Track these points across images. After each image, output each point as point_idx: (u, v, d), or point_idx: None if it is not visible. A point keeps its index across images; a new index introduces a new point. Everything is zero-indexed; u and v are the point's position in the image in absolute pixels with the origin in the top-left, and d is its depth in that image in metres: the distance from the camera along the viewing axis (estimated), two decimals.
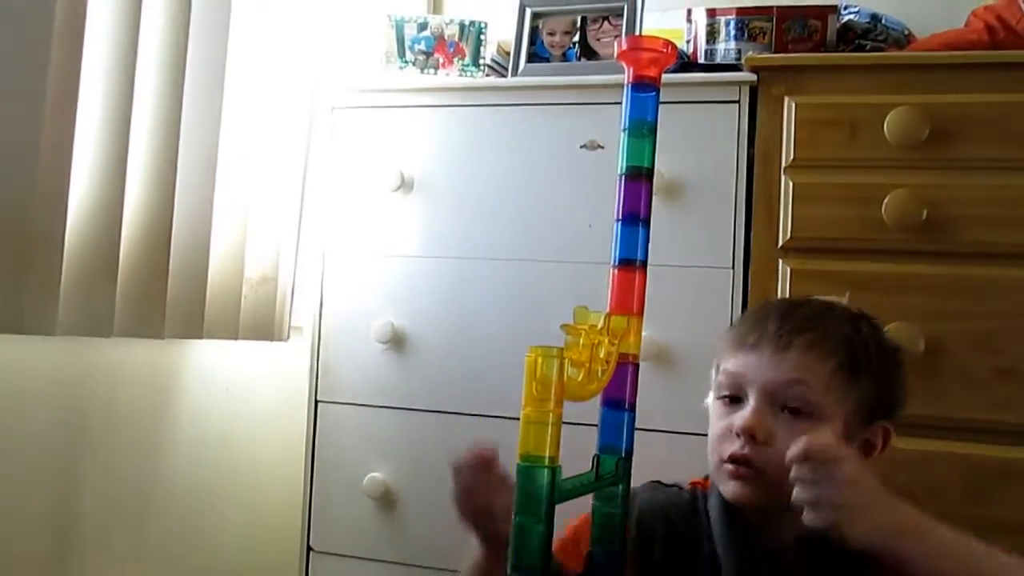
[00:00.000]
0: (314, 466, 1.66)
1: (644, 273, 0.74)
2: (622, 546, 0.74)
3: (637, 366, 0.74)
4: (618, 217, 0.74)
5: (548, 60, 1.69)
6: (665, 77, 0.75)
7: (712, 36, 1.63)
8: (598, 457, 0.74)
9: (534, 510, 0.64)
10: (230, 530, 1.71)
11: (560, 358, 0.64)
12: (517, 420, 0.64)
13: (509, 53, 1.75)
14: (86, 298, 1.20)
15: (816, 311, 0.99)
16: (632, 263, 0.73)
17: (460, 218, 1.62)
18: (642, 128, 0.73)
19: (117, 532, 1.45)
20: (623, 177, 0.74)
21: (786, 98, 1.43)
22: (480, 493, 0.87)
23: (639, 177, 0.73)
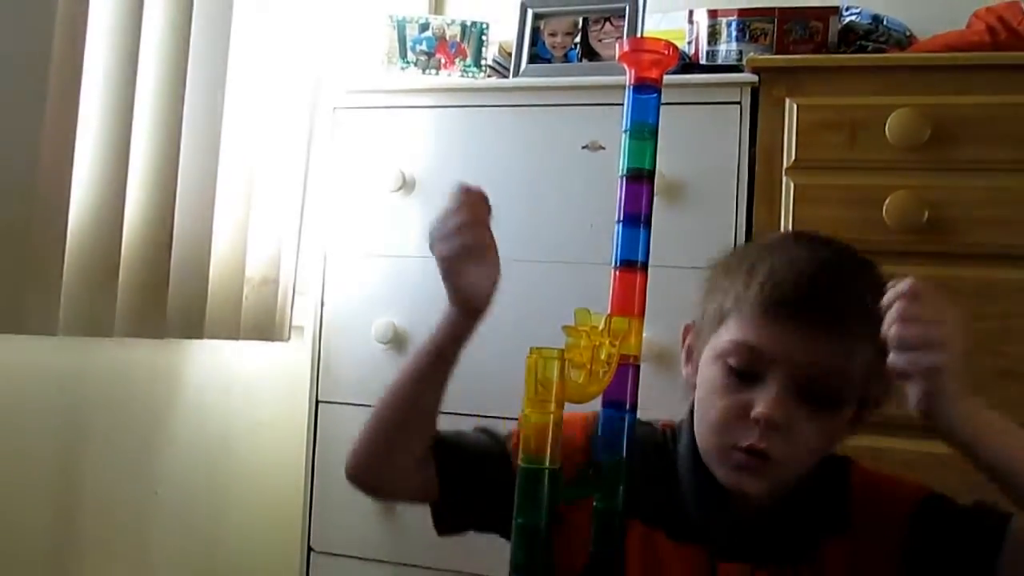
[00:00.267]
0: (315, 466, 1.66)
1: (645, 275, 0.74)
2: (622, 546, 0.74)
3: (638, 367, 0.74)
4: (619, 219, 0.74)
5: (550, 61, 1.69)
6: (666, 78, 0.75)
7: (713, 37, 1.63)
8: (597, 460, 0.74)
9: (535, 511, 0.64)
10: (231, 530, 1.71)
11: (561, 359, 0.64)
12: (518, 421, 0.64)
13: (511, 54, 1.75)
14: (87, 298, 1.21)
15: (869, 274, 0.85)
16: (633, 265, 0.73)
17: None
18: (643, 130, 0.73)
19: (118, 531, 1.45)
20: (624, 179, 0.74)
21: (787, 99, 1.43)
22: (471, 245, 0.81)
23: (640, 179, 0.73)
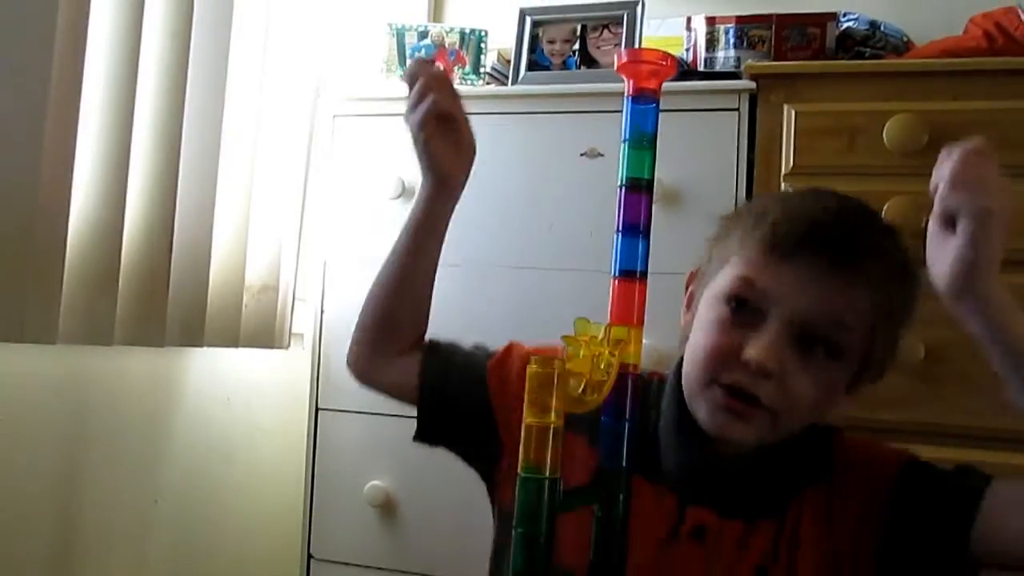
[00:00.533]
0: (315, 474, 1.66)
1: (644, 284, 0.74)
2: (621, 556, 0.74)
3: (637, 377, 0.74)
4: (618, 228, 0.74)
5: (548, 68, 1.70)
6: (665, 85, 0.75)
7: (712, 44, 1.63)
8: (599, 467, 0.74)
9: (535, 521, 0.64)
10: (231, 538, 1.71)
11: (561, 369, 0.64)
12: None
13: (509, 61, 1.76)
14: (87, 306, 1.21)
15: (881, 228, 0.83)
16: (632, 274, 0.74)
17: (460, 226, 1.60)
18: (642, 140, 0.74)
19: (118, 540, 1.45)
20: (623, 188, 0.74)
21: (785, 106, 1.44)
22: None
23: (639, 188, 0.74)
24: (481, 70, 1.74)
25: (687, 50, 1.68)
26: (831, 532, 0.82)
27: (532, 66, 1.71)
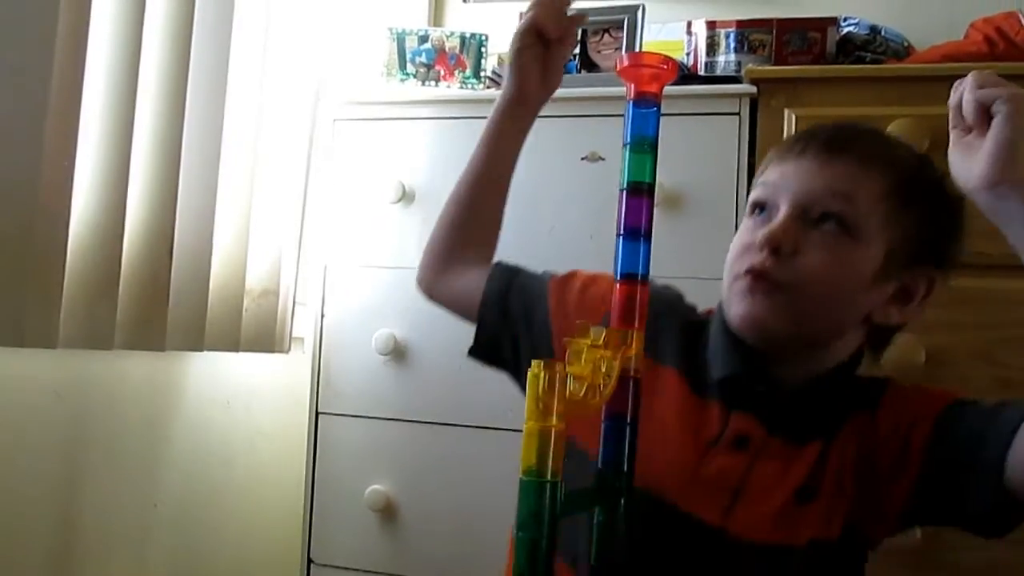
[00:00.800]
0: (315, 478, 1.66)
1: (646, 288, 0.74)
2: (624, 561, 0.73)
3: (639, 380, 0.74)
4: (619, 233, 0.74)
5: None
6: (666, 89, 0.75)
7: (712, 48, 1.63)
8: (600, 472, 0.74)
9: (536, 525, 0.64)
10: (231, 542, 1.71)
11: (563, 373, 0.64)
12: (518, 433, 0.64)
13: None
14: (87, 311, 1.20)
15: (880, 133, 0.91)
16: (634, 278, 0.74)
17: None
18: (643, 144, 0.73)
19: (118, 543, 1.44)
20: (624, 192, 0.74)
21: (786, 110, 1.44)
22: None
23: (640, 192, 0.73)
24: (481, 74, 1.74)
25: (688, 54, 1.69)
26: (875, 460, 0.82)
27: None
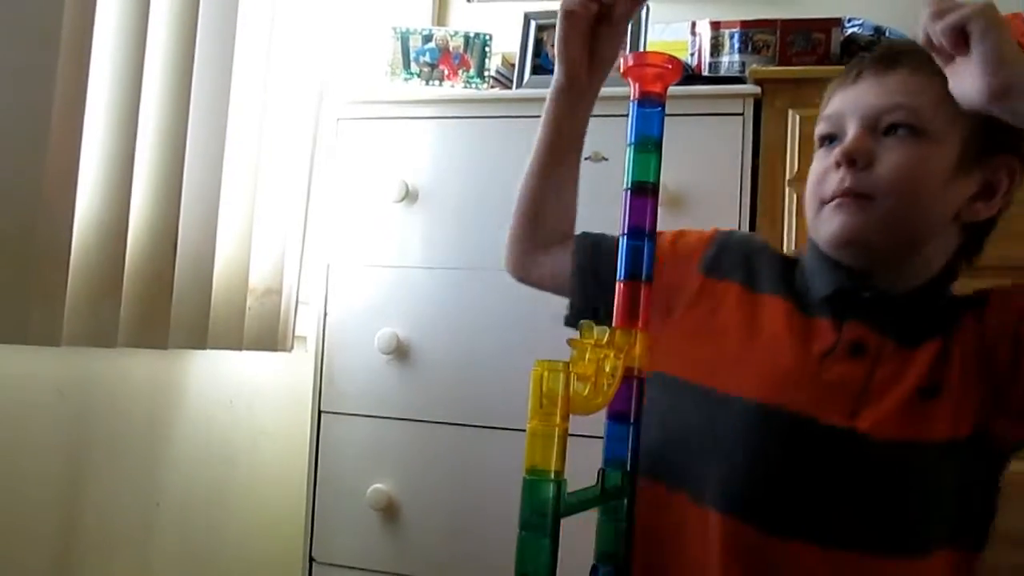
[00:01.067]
0: (317, 477, 1.66)
1: (650, 287, 0.74)
2: (627, 562, 0.73)
3: (643, 380, 0.74)
4: (623, 232, 0.74)
5: (552, 72, 1.69)
6: (669, 90, 0.75)
7: (716, 49, 1.63)
8: (603, 471, 0.74)
9: (540, 524, 0.64)
10: (232, 540, 1.71)
11: (566, 372, 0.64)
12: (522, 432, 0.64)
13: (514, 65, 1.76)
14: (91, 309, 1.20)
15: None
16: (638, 278, 0.74)
17: (464, 229, 1.62)
18: (648, 143, 0.73)
19: (120, 542, 1.45)
20: (628, 192, 0.74)
21: (790, 110, 1.44)
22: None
23: (645, 192, 0.73)
24: (485, 74, 1.74)
25: (692, 55, 1.68)
26: (992, 358, 0.82)
27: (536, 70, 1.71)
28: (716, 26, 1.65)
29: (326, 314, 1.68)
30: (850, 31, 1.62)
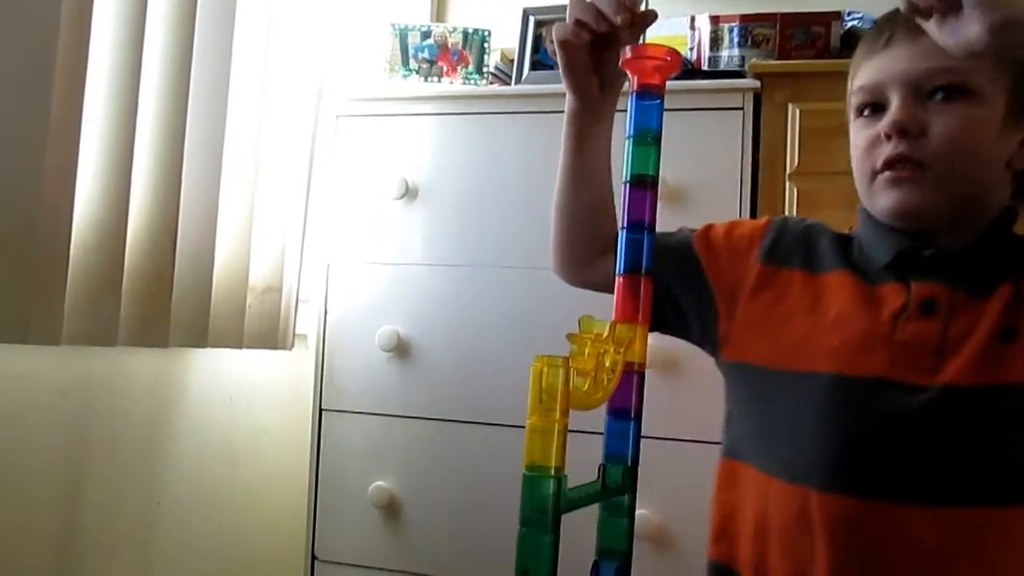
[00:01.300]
0: (319, 475, 1.66)
1: (650, 281, 0.73)
2: (628, 559, 0.73)
3: (643, 374, 0.74)
4: (623, 225, 0.74)
5: (552, 68, 1.69)
6: (669, 84, 0.75)
7: (716, 43, 1.63)
8: (604, 466, 0.74)
9: (540, 520, 0.63)
10: (234, 539, 1.71)
11: (566, 367, 0.63)
12: (522, 429, 0.63)
13: (513, 61, 1.76)
14: (91, 307, 1.20)
15: None
16: (637, 271, 0.73)
17: (464, 226, 1.62)
18: (647, 136, 0.73)
19: (121, 541, 1.45)
20: (628, 185, 0.74)
21: (790, 105, 1.43)
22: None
23: (644, 185, 0.73)
24: (484, 70, 1.74)
25: (691, 49, 1.68)
26: None
27: (535, 66, 1.71)
28: (715, 20, 1.65)
29: (326, 312, 1.68)
30: (850, 24, 1.61)
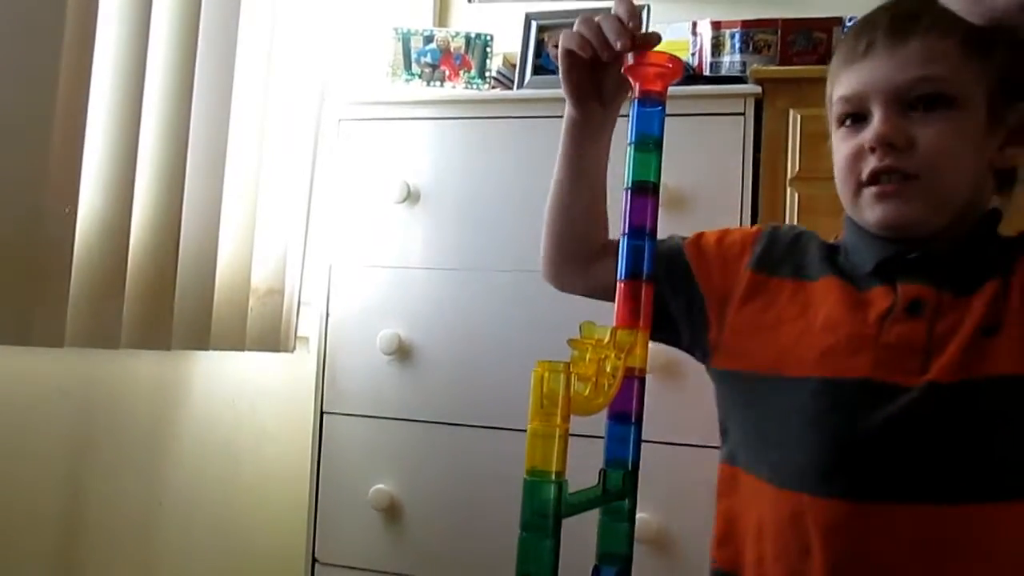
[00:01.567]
0: (319, 477, 1.66)
1: (651, 287, 0.74)
2: (628, 563, 0.73)
3: (643, 380, 0.74)
4: (624, 231, 0.74)
5: (554, 72, 1.70)
6: (670, 89, 0.75)
7: (717, 48, 1.63)
8: (604, 471, 0.74)
9: (541, 525, 0.64)
10: (235, 541, 1.71)
11: (567, 373, 0.64)
12: (523, 433, 0.64)
13: (515, 65, 1.76)
14: (94, 310, 1.21)
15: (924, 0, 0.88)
16: (639, 277, 0.74)
17: (466, 230, 1.62)
18: (648, 142, 0.73)
19: (123, 543, 1.45)
20: (629, 191, 0.74)
21: (791, 110, 1.44)
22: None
23: (645, 191, 0.73)
24: (487, 74, 1.74)
25: (693, 55, 1.68)
26: None
27: (538, 70, 1.71)
28: (717, 26, 1.65)
29: (328, 315, 1.68)
30: None
